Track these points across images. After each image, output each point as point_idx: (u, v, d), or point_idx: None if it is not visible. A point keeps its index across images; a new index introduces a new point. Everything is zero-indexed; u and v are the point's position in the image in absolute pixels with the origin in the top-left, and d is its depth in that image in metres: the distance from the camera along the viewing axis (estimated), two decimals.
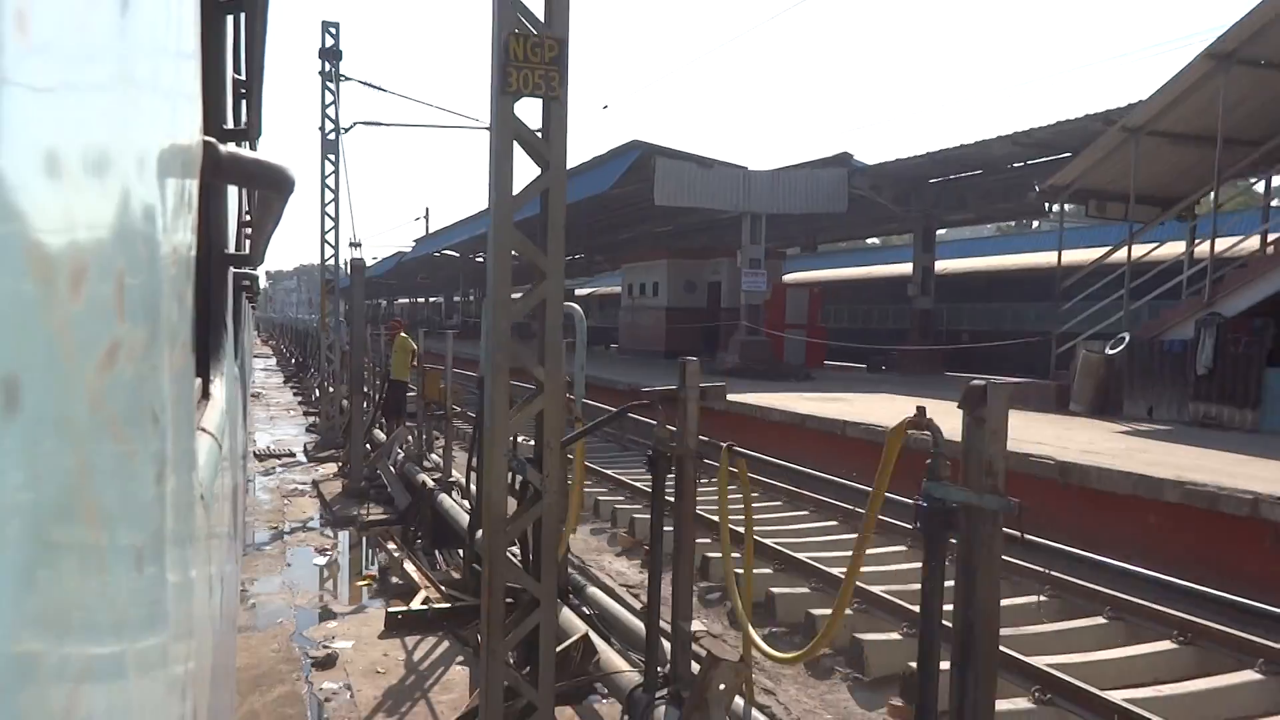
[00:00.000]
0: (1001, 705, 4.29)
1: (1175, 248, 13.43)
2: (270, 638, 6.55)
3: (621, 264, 30.53)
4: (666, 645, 4.25)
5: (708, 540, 7.05)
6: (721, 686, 3.44)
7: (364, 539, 9.26)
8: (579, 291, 43.03)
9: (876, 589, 6.22)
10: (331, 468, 13.03)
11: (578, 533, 9.29)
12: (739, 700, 4.18)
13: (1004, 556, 2.79)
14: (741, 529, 3.74)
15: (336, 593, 7.78)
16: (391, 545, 8.73)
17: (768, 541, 7.38)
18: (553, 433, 3.86)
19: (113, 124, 0.62)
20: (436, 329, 31.75)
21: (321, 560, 8.60)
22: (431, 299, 69.75)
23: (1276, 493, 6.73)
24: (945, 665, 2.54)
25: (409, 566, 7.86)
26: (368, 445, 11.88)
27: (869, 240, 38.05)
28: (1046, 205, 16.74)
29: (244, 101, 3.11)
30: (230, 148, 1.61)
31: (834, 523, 8.69)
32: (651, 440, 4.17)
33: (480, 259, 41.95)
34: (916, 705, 2.55)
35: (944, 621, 2.55)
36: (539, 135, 3.89)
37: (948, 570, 2.48)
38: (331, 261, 17.01)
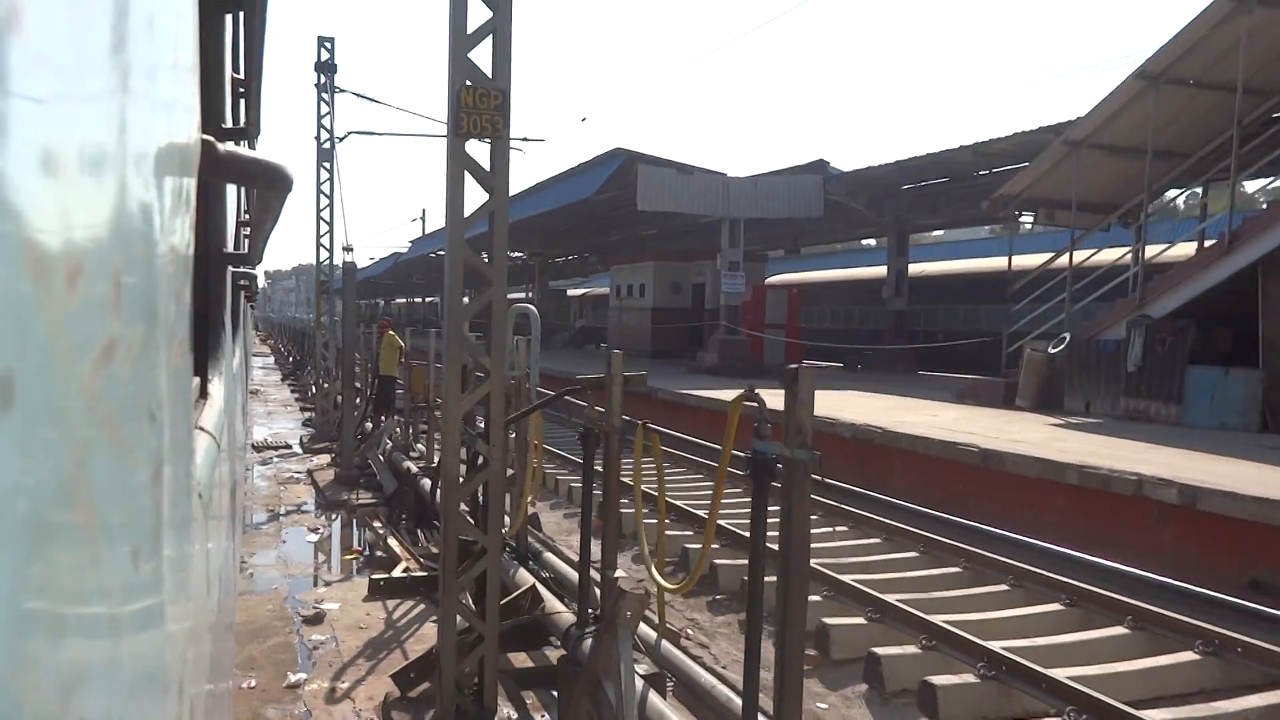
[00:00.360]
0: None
1: (1119, 253, 14.28)
2: (266, 600, 7.40)
3: (610, 266, 31.38)
4: (599, 592, 5.10)
5: (647, 510, 7.95)
6: (628, 614, 4.28)
7: (353, 520, 10.12)
8: (572, 292, 43.90)
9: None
10: (325, 459, 13.88)
11: (551, 516, 10.15)
12: (652, 632, 5.05)
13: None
14: (669, 497, 4.59)
15: (326, 565, 8.64)
16: (378, 524, 9.59)
17: (682, 504, 8.34)
18: (497, 412, 4.72)
19: (110, 122, 0.62)
20: (428, 327, 32.72)
21: (313, 538, 9.45)
22: (428, 299, 70.66)
23: (1158, 474, 7.60)
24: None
25: (392, 542, 8.72)
26: (359, 436, 12.74)
27: (866, 241, 38.96)
28: (1022, 214, 17.60)
29: (242, 100, 3.09)
30: (229, 146, 1.63)
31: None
32: (585, 420, 5.04)
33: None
34: (747, 608, 3.41)
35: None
36: (486, 169, 4.74)
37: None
38: (326, 263, 17.88)
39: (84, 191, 0.54)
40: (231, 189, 3.09)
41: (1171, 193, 15.89)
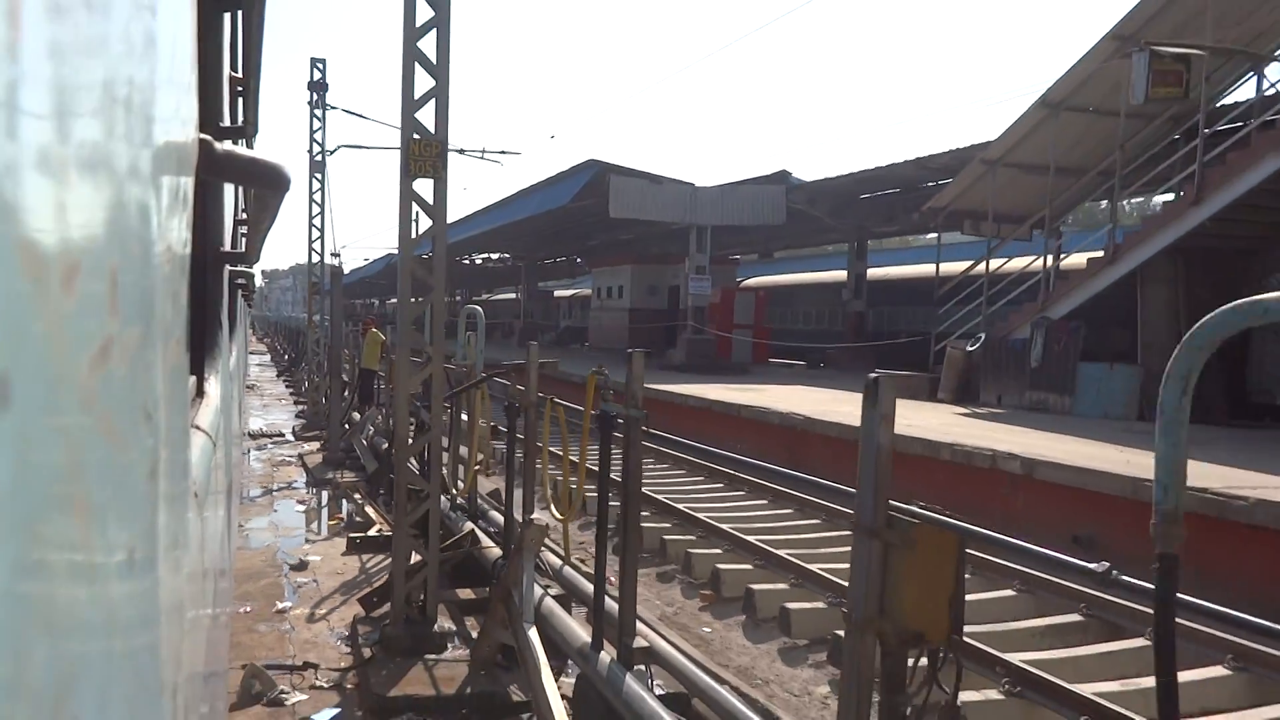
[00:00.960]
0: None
1: (1032, 260, 15.75)
2: (259, 554, 8.81)
3: (591, 268, 32.82)
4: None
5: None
6: (530, 540, 5.71)
7: (337, 494, 11.55)
8: (559, 293, 45.34)
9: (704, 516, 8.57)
10: (315, 445, 15.30)
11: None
12: (557, 560, 6.48)
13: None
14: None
15: (312, 528, 10.06)
16: (358, 496, 11.02)
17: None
18: (437, 389, 6.16)
19: (108, 120, 0.62)
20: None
21: (301, 508, 10.88)
22: (421, 299, 72.15)
23: (1009, 450, 9.06)
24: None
25: (369, 509, 10.15)
26: (344, 424, 14.18)
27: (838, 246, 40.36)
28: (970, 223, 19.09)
29: (240, 99, 3.06)
30: (226, 145, 1.65)
31: (690, 474, 11.04)
32: (508, 396, 6.48)
33: (464, 261, 44.26)
34: (595, 530, 4.85)
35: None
36: (430, 202, 6.18)
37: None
38: (318, 267, 19.31)
39: (80, 190, 0.54)
40: (229, 188, 3.07)
41: (1102, 203, 17.35)
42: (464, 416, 8.40)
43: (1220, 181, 11.02)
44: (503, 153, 20.59)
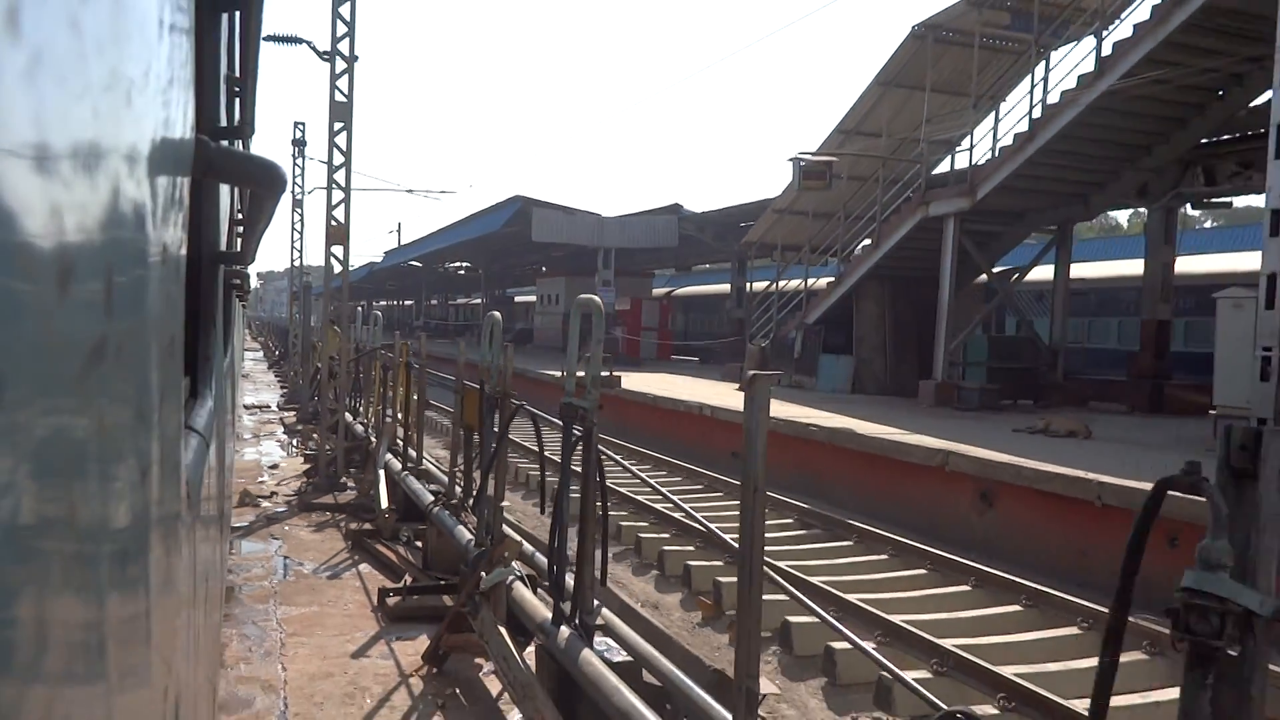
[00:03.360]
0: None
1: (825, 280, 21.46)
2: (250, 462, 14.44)
3: (536, 279, 38.55)
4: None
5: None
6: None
7: (303, 436, 17.21)
8: (519, 299, 51.09)
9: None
10: (292, 412, 20.95)
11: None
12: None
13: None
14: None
15: (284, 453, 15.72)
16: (316, 436, 16.69)
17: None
18: (343, 355, 11.82)
19: (104, 120, 0.62)
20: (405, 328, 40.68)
21: (278, 443, 16.56)
22: (406, 302, 77.97)
23: (708, 402, 14.74)
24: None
25: (317, 436, 15.83)
26: (314, 396, 19.85)
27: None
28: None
29: (237, 99, 3.05)
30: (223, 145, 1.66)
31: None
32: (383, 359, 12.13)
33: (440, 269, 50.08)
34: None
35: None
36: (339, 258, 11.87)
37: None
38: (304, 279, 24.96)
39: (76, 190, 0.54)
40: (225, 188, 3.08)
41: None
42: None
43: (889, 232, 16.67)
44: (443, 192, 26.27)
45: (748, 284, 27.15)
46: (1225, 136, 14.65)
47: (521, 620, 5.51)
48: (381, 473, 10.16)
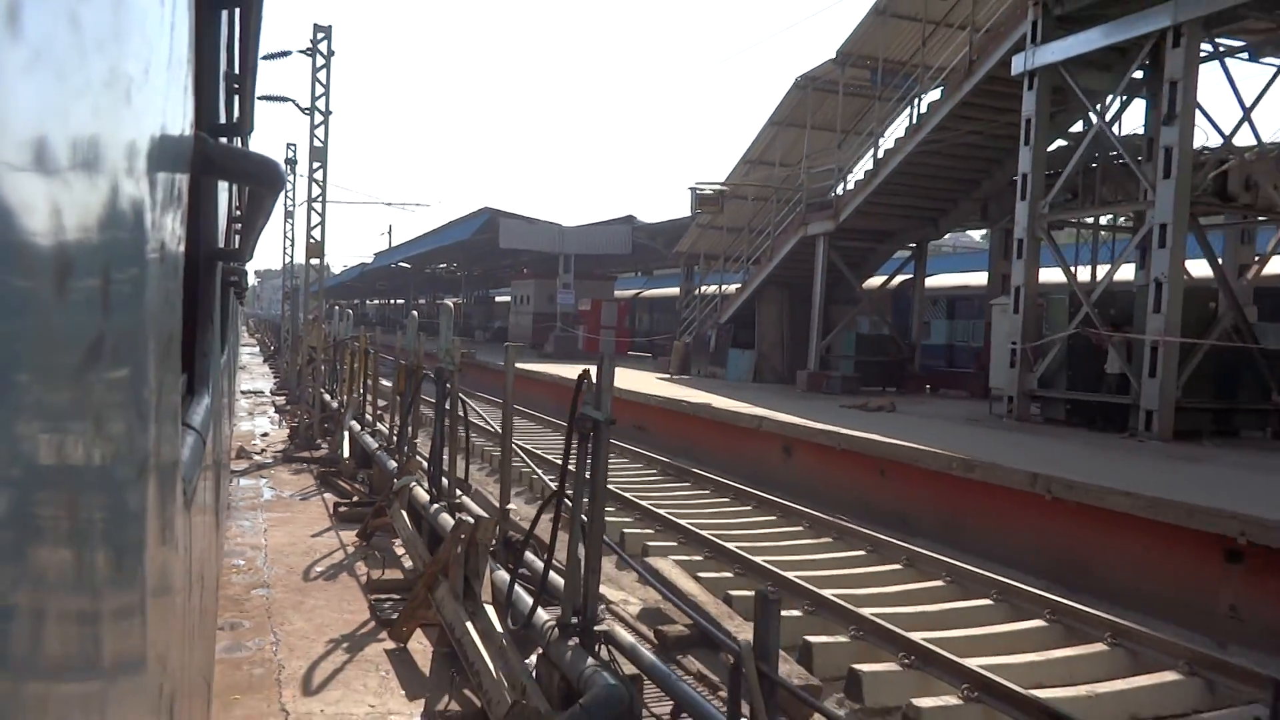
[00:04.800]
0: None
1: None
2: (245, 432, 17.78)
3: (511, 281, 41.93)
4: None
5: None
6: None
7: (289, 414, 20.56)
8: (499, 299, 54.49)
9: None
10: (283, 398, 24.32)
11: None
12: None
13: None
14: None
15: (273, 427, 19.07)
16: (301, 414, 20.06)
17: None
18: (320, 341, 15.17)
19: (104, 118, 0.62)
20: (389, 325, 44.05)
21: (269, 419, 19.92)
22: (397, 300, 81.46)
23: (626, 387, 18.11)
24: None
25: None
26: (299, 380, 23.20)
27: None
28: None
29: (236, 97, 3.07)
30: (222, 143, 1.72)
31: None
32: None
33: (427, 270, 53.40)
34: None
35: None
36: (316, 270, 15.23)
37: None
38: (295, 283, 28.28)
39: (76, 188, 0.54)
40: (224, 185, 3.11)
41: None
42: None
43: (779, 247, 20.05)
44: (418, 205, 29.59)
45: (698, 288, 30.40)
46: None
47: (415, 507, 8.80)
48: (346, 433, 13.51)
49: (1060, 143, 15.67)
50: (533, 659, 5.26)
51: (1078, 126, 15.44)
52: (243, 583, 7.78)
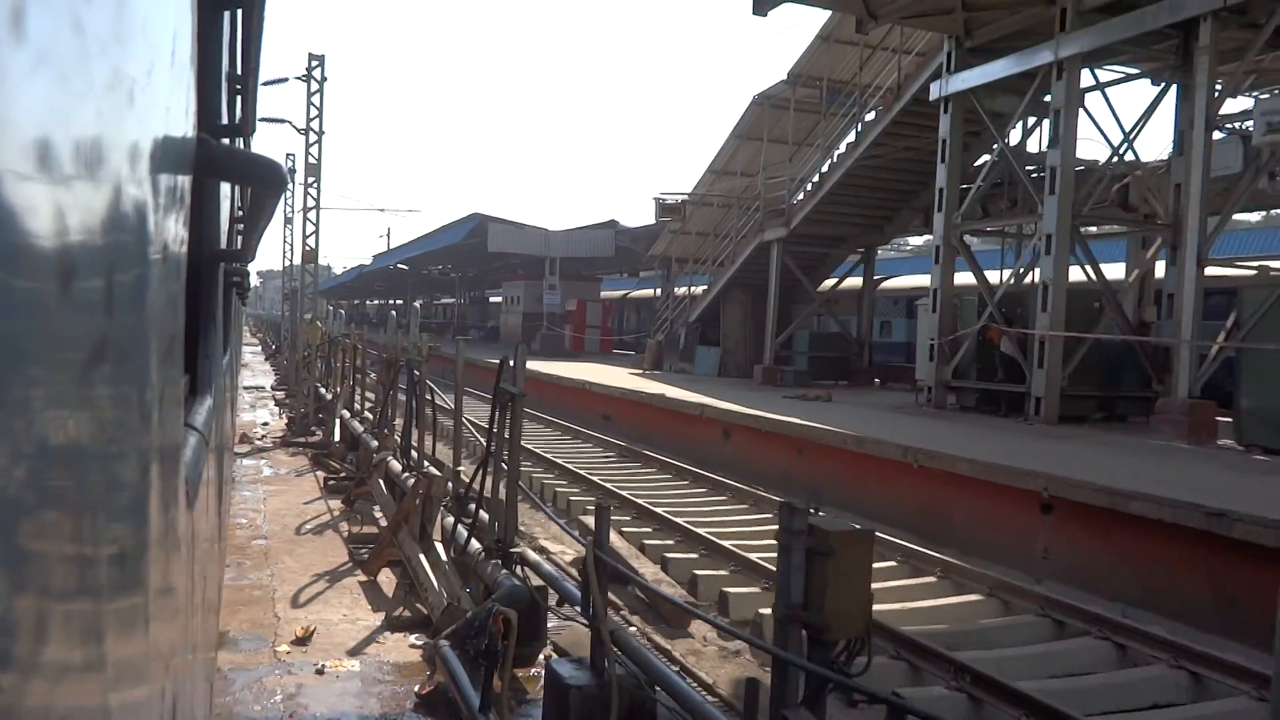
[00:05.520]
0: None
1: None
2: (249, 422, 19.46)
3: (504, 282, 43.63)
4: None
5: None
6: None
7: (287, 406, 22.23)
8: (493, 299, 56.19)
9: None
10: (282, 392, 26.02)
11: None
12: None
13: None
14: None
15: (273, 418, 20.74)
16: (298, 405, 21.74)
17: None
18: (318, 338, 16.85)
19: (107, 120, 0.62)
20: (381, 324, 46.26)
21: (269, 410, 21.60)
22: (395, 301, 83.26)
23: (586, 379, 19.74)
24: None
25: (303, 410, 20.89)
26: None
27: None
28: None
29: (238, 97, 3.07)
30: (224, 144, 1.71)
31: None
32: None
33: (424, 272, 55.10)
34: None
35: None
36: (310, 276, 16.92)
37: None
38: (292, 285, 29.96)
39: (79, 188, 0.54)
40: (226, 186, 3.11)
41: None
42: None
43: (740, 252, 21.70)
44: (410, 211, 31.27)
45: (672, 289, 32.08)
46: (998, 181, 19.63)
47: (390, 476, 10.45)
48: (337, 420, 15.18)
49: (987, 157, 17.30)
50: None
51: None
52: (245, 536, 9.45)
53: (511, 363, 6.90)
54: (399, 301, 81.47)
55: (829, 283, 22.77)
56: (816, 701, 3.32)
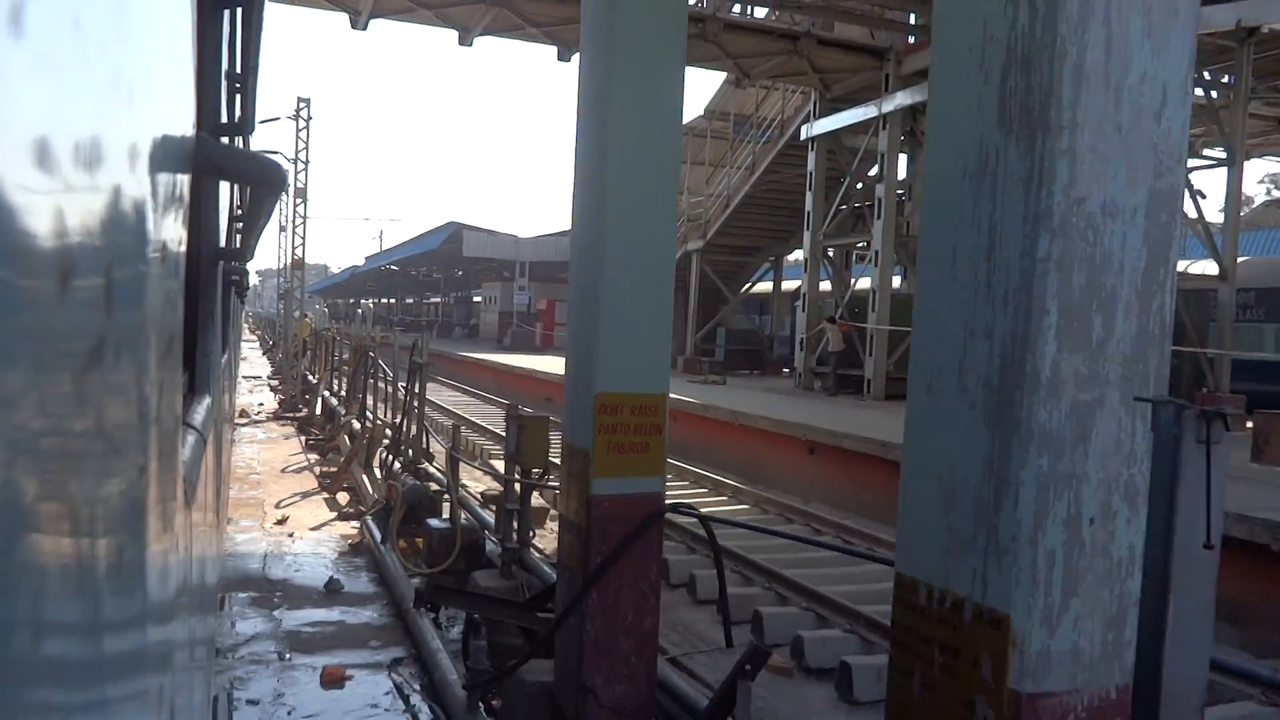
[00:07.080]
0: None
1: None
2: (247, 401, 22.98)
3: (481, 283, 47.22)
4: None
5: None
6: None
7: (280, 392, 25.78)
8: (476, 299, 59.81)
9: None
10: (277, 380, 29.57)
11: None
12: None
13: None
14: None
15: (267, 399, 24.28)
16: (288, 388, 25.30)
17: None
18: (306, 332, 20.39)
19: (106, 117, 0.62)
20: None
21: (264, 393, 25.16)
22: (389, 299, 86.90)
23: (535, 368, 23.29)
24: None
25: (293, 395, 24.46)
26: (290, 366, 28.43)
27: None
28: None
29: (238, 97, 3.07)
30: (223, 143, 1.73)
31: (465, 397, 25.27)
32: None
33: (413, 272, 58.69)
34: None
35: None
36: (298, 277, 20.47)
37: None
38: (288, 286, 33.48)
39: (78, 187, 0.54)
40: (225, 185, 3.12)
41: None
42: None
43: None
44: (392, 220, 34.75)
45: None
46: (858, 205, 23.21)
47: (350, 432, 14.02)
48: (320, 399, 18.75)
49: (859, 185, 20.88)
50: None
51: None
52: (243, 472, 13.01)
53: (418, 344, 10.46)
54: (390, 300, 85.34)
55: (764, 286, 26.39)
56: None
